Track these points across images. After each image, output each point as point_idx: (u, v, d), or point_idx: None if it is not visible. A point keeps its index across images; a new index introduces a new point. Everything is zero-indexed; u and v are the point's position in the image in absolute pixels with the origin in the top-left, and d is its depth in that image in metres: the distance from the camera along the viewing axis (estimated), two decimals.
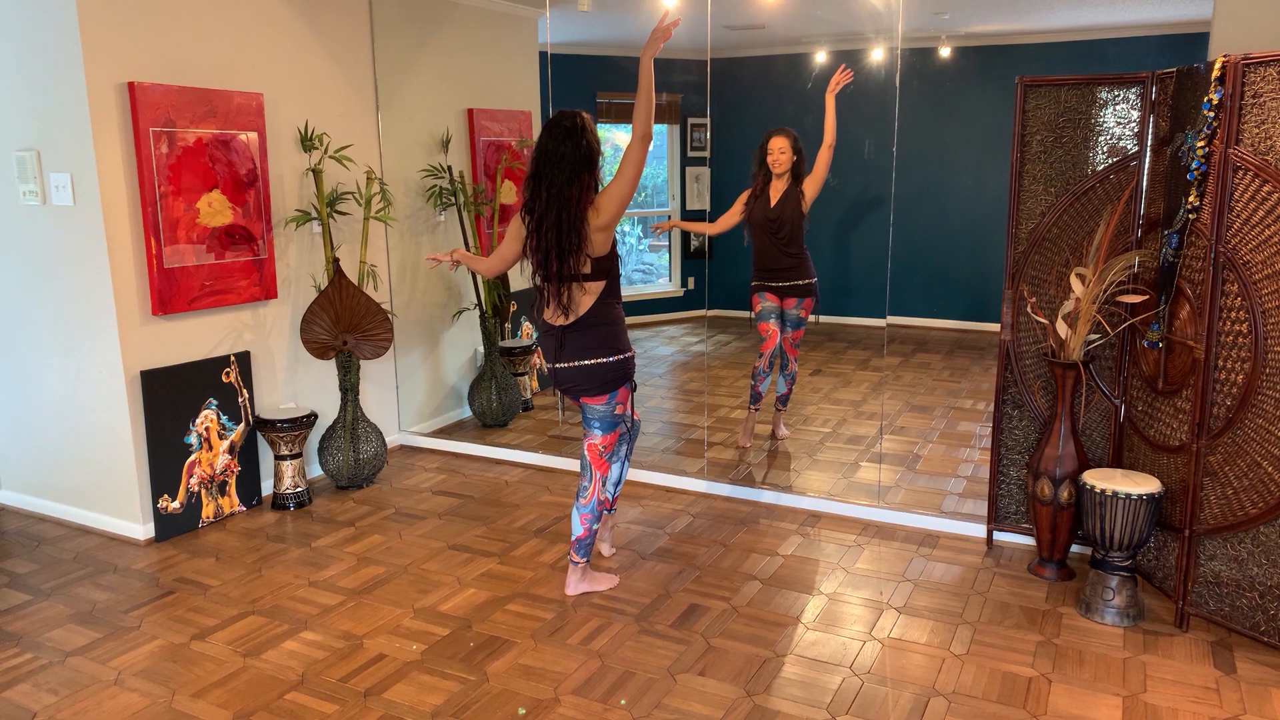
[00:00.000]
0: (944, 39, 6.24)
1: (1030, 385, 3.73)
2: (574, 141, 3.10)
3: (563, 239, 3.10)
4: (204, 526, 4.18)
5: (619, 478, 3.51)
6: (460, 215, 5.39)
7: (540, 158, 3.14)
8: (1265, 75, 2.82)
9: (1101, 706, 2.76)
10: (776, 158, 4.81)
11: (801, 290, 4.94)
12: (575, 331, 3.22)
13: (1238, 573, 3.06)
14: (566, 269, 3.15)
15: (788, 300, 4.97)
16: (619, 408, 3.33)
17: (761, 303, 4.99)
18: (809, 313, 5.00)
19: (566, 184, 3.09)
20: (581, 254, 3.14)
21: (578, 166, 3.09)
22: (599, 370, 3.23)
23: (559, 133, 3.11)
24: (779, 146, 4.81)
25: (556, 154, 3.10)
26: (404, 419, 5.36)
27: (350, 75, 4.83)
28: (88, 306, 3.91)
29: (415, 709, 2.78)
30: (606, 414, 3.33)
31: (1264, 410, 2.92)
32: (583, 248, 3.13)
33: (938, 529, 4.06)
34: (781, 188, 4.85)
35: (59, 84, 3.74)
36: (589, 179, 3.11)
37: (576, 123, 3.13)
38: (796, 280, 4.93)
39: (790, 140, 4.82)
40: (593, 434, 3.37)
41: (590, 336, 3.21)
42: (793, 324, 4.98)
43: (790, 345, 5.02)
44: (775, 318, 4.97)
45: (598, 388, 3.26)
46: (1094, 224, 3.51)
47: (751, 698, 2.82)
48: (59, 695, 2.88)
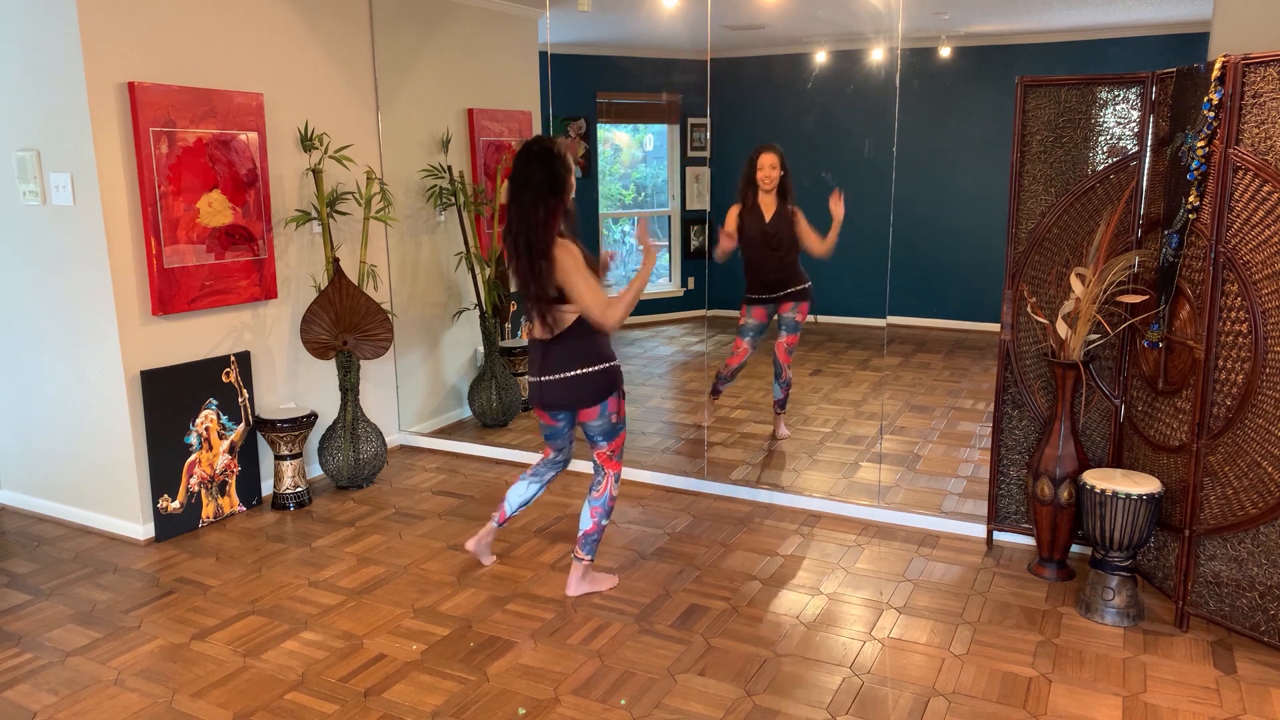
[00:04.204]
0: (944, 39, 6.24)
1: (1030, 385, 3.73)
2: (542, 165, 3.16)
3: (534, 262, 3.15)
4: (204, 526, 4.18)
5: (528, 499, 3.62)
6: (460, 215, 5.39)
7: (510, 181, 3.22)
8: (1265, 75, 2.82)
9: (1101, 706, 2.76)
10: (767, 173, 4.86)
11: (797, 295, 4.98)
12: (558, 344, 3.26)
13: (1238, 573, 3.06)
14: (543, 290, 3.18)
15: (784, 305, 5.00)
16: (614, 416, 3.35)
17: (748, 318, 5.06)
18: (805, 316, 5.02)
19: (532, 208, 3.14)
20: (551, 277, 3.16)
21: (542, 190, 3.14)
22: (586, 380, 3.26)
23: (527, 156, 3.19)
24: (770, 163, 4.87)
25: (522, 176, 3.17)
26: (404, 419, 5.36)
27: (350, 75, 4.83)
28: (88, 306, 3.91)
29: (415, 709, 2.78)
30: (603, 426, 3.35)
31: (1264, 410, 2.92)
32: (551, 272, 3.15)
33: (938, 529, 4.06)
34: (772, 204, 4.89)
35: (59, 84, 3.74)
36: (555, 203, 3.16)
37: (546, 147, 3.19)
38: (790, 287, 4.98)
39: (779, 157, 4.88)
40: (598, 445, 3.40)
41: (573, 348, 3.25)
42: (789, 328, 5.01)
43: (785, 352, 5.05)
44: (753, 336, 5.06)
45: (588, 399, 3.28)
46: (1094, 224, 3.51)
47: (751, 698, 2.82)
48: (59, 695, 2.88)
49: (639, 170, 7.64)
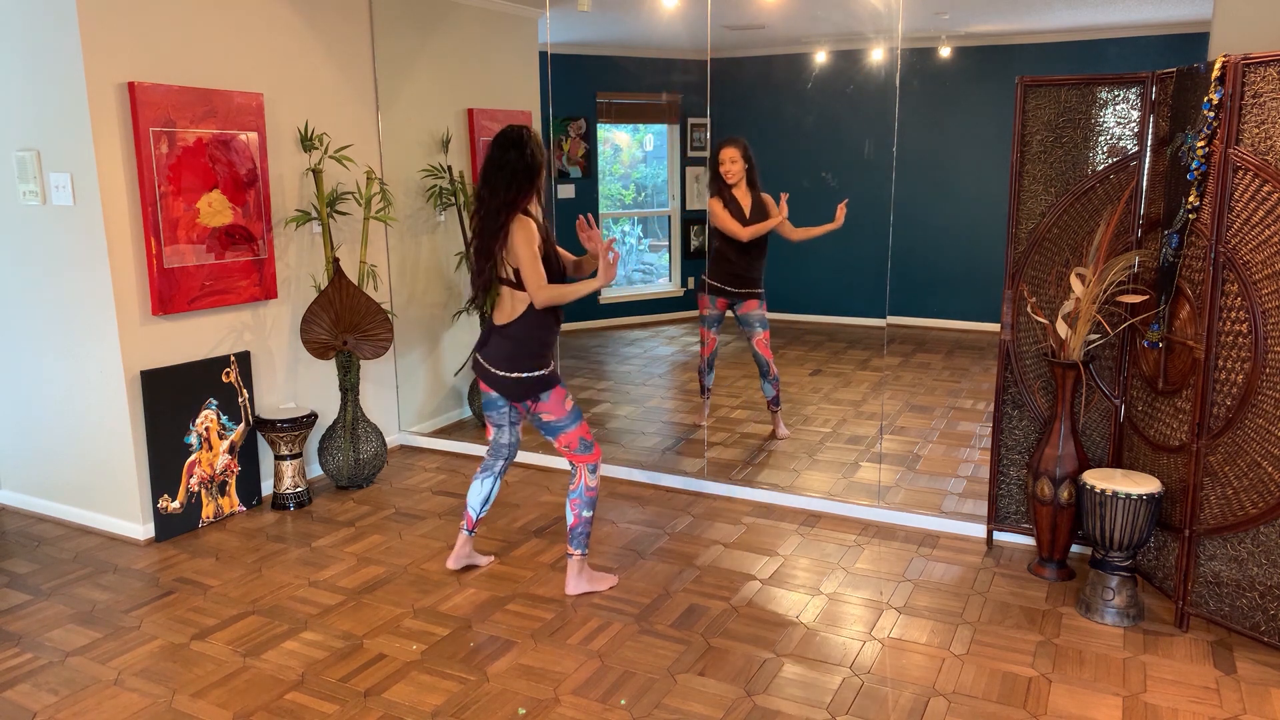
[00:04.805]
0: (944, 39, 6.24)
1: (1030, 385, 3.73)
2: (520, 151, 3.24)
3: (487, 239, 3.24)
4: (204, 526, 4.18)
5: (488, 495, 3.63)
6: (460, 215, 5.39)
7: (486, 165, 3.29)
8: (1265, 75, 2.82)
9: (1101, 706, 2.76)
10: (729, 168, 4.91)
11: (758, 295, 5.08)
12: (500, 334, 3.34)
13: (1238, 573, 3.06)
14: (492, 268, 3.26)
15: (747, 304, 5.07)
16: (545, 416, 3.39)
17: (710, 307, 5.12)
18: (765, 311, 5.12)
19: (507, 189, 3.23)
20: (503, 259, 3.25)
21: (517, 173, 3.23)
22: (510, 383, 3.34)
23: (503, 142, 3.27)
24: (729, 157, 4.92)
25: (501, 160, 3.25)
26: (404, 419, 5.36)
27: (350, 75, 4.83)
28: (88, 306, 3.91)
29: (415, 709, 2.78)
30: (534, 419, 3.42)
31: (1264, 410, 2.92)
32: (505, 252, 3.23)
33: (938, 529, 4.06)
34: (748, 198, 4.91)
35: (59, 84, 3.74)
36: (527, 186, 3.25)
37: (521, 135, 3.27)
38: (754, 287, 5.06)
39: (741, 149, 4.91)
40: (550, 439, 3.46)
41: (511, 346, 3.31)
42: (760, 324, 5.09)
43: (764, 347, 5.09)
44: (717, 326, 5.15)
45: (513, 396, 3.38)
46: (1094, 224, 3.51)
47: (751, 698, 2.82)
48: (59, 695, 2.88)
49: (639, 170, 7.64)
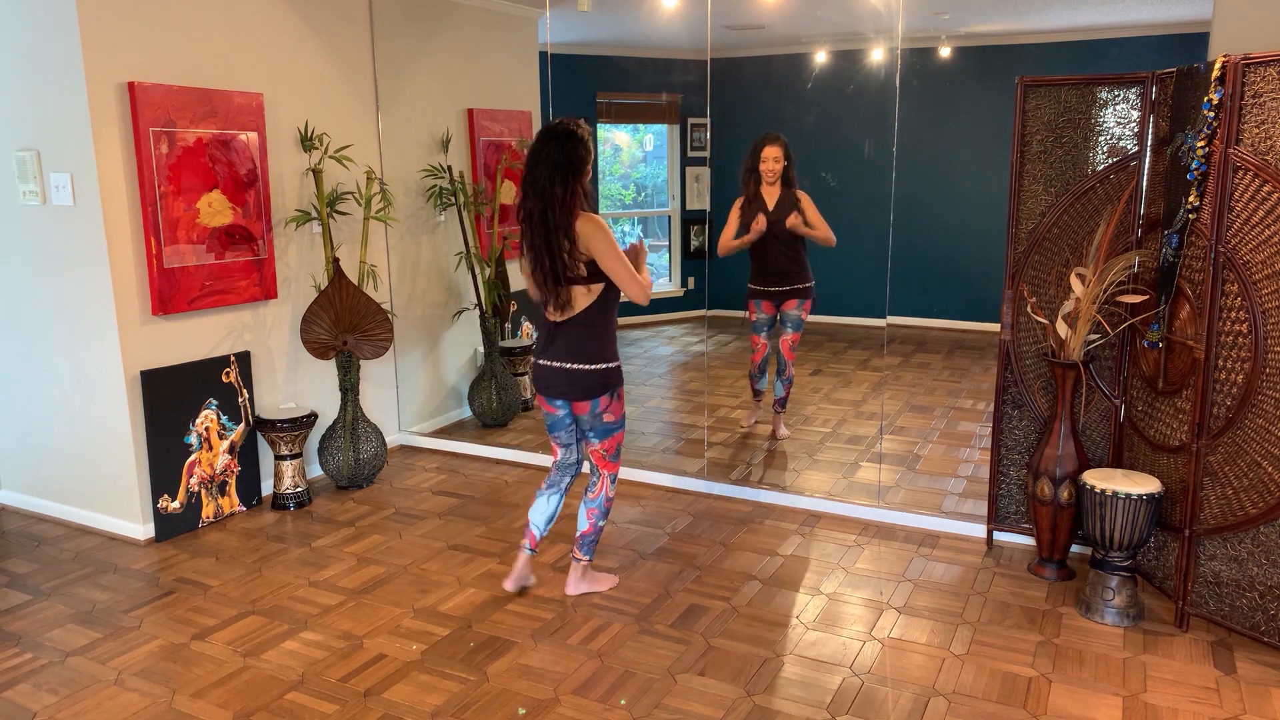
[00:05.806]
0: (944, 39, 6.24)
1: (1030, 385, 3.73)
2: (560, 144, 3.12)
3: (550, 237, 3.11)
4: (204, 526, 4.18)
5: (553, 513, 3.47)
6: (460, 215, 5.39)
7: (528, 158, 3.18)
8: (1265, 75, 2.82)
9: (1101, 706, 2.76)
10: (771, 166, 4.88)
11: (801, 293, 4.99)
12: (567, 330, 3.22)
13: (1238, 573, 3.06)
14: (560, 266, 3.14)
15: (788, 303, 5.00)
16: (606, 416, 3.30)
17: (757, 312, 5.07)
18: (808, 314, 5.03)
19: (549, 183, 3.10)
20: (572, 255, 3.13)
21: (558, 166, 3.10)
22: (581, 376, 3.22)
23: (547, 135, 3.15)
24: (773, 155, 4.88)
25: (541, 154, 3.14)
26: (404, 419, 5.36)
27: (350, 75, 4.83)
28: (88, 306, 3.91)
29: (415, 709, 2.78)
30: (594, 422, 3.31)
31: (1264, 410, 2.92)
32: (573, 250, 3.12)
33: (938, 529, 4.06)
34: (776, 192, 4.88)
35: (59, 84, 3.74)
36: (573, 181, 3.12)
37: (567, 128, 3.16)
38: (796, 284, 4.98)
39: (783, 148, 4.88)
40: (591, 442, 3.37)
41: (580, 339, 3.21)
42: (793, 325, 5.01)
43: (789, 349, 5.05)
44: (767, 330, 5.07)
45: (582, 394, 3.25)
46: (1094, 224, 3.51)
47: (751, 698, 2.82)
48: (59, 695, 2.88)
49: (639, 170, 7.64)
